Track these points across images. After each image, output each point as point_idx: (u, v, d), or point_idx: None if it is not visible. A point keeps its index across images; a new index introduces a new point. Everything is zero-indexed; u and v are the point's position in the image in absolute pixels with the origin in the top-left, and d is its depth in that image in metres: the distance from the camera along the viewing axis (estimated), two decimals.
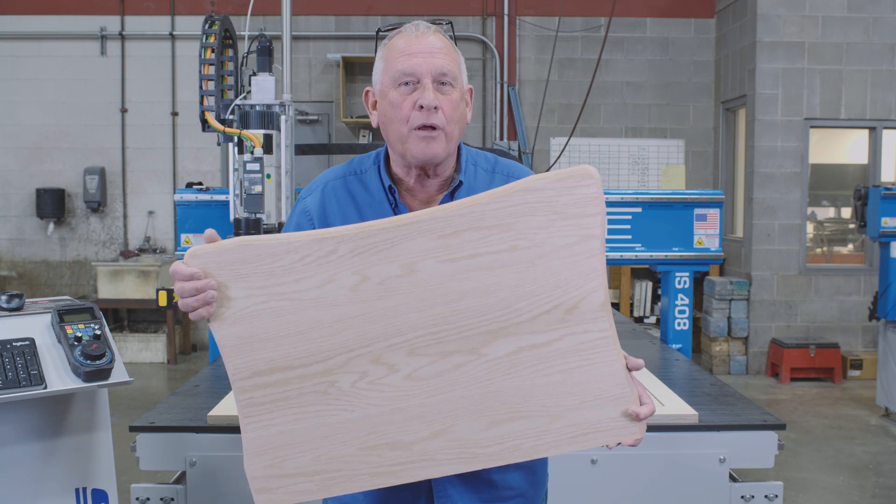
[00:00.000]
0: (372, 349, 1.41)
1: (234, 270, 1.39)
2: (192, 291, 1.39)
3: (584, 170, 1.39)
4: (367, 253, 1.39)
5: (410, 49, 1.60)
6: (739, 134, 8.23)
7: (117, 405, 3.35)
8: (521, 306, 1.40)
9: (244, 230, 2.98)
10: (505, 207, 1.39)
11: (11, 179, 8.44)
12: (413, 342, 1.41)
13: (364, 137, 8.40)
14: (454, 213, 1.39)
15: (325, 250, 1.39)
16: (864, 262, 7.82)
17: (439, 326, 1.41)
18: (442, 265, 1.39)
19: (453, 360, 1.42)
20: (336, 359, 1.41)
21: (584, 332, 1.42)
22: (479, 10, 8.44)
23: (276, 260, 1.39)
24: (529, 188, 1.39)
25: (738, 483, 2.33)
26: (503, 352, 1.42)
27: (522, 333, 1.41)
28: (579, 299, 1.41)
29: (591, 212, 1.39)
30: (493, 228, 1.39)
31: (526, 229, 1.39)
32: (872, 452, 5.35)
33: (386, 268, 1.39)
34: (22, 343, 2.01)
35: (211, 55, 3.30)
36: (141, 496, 2.32)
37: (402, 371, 1.42)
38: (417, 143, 1.60)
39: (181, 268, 1.39)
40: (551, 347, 1.42)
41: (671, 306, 3.55)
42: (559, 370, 1.42)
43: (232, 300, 1.40)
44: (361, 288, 1.40)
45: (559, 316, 1.41)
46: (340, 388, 1.42)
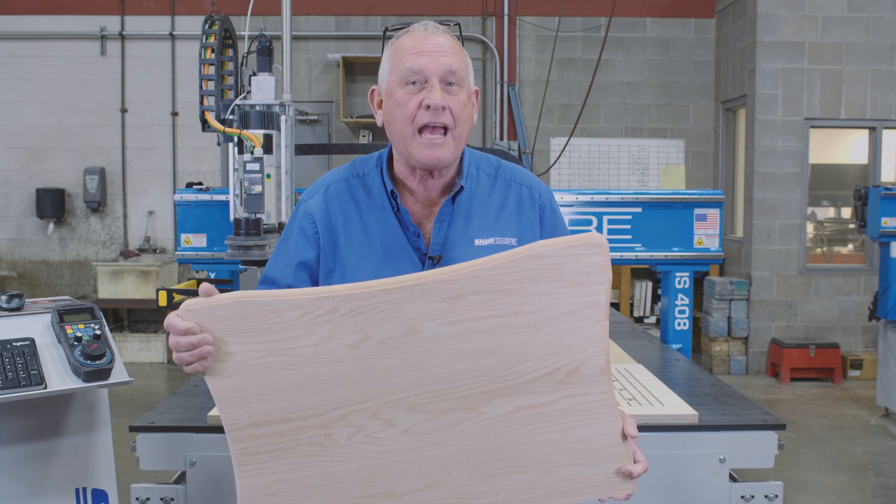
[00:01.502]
0: (370, 405, 1.41)
1: (230, 326, 1.37)
2: (188, 346, 1.36)
3: (593, 238, 1.38)
4: (368, 313, 1.37)
5: (419, 48, 1.59)
6: (739, 134, 8.23)
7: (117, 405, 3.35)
8: (522, 368, 1.40)
9: (244, 230, 2.97)
10: (510, 273, 1.36)
11: (11, 179, 8.44)
12: (411, 399, 1.41)
13: (364, 137, 8.39)
14: (458, 276, 1.37)
15: (325, 309, 1.36)
16: (864, 262, 7.82)
17: (439, 386, 1.40)
18: (444, 327, 1.38)
19: (451, 418, 1.41)
20: (333, 413, 1.41)
21: (583, 394, 1.42)
22: (479, 10, 8.44)
23: (275, 317, 1.36)
24: (536, 255, 1.37)
25: (738, 483, 2.33)
26: (502, 411, 1.41)
27: (522, 394, 1.41)
28: (581, 363, 1.41)
29: (598, 280, 1.38)
30: (498, 293, 1.37)
31: (531, 295, 1.37)
32: (872, 452, 5.35)
33: (387, 328, 1.37)
34: (22, 343, 2.01)
35: (211, 55, 3.29)
36: (141, 496, 2.31)
37: (399, 426, 1.42)
38: (422, 148, 1.59)
39: (176, 322, 1.36)
40: (550, 407, 1.42)
41: (671, 306, 3.54)
42: (557, 429, 1.43)
43: (229, 354, 1.38)
44: (362, 346, 1.38)
45: (559, 378, 1.41)
46: (337, 441, 1.42)
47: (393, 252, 1.69)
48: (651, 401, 2.44)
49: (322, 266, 1.73)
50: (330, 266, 1.72)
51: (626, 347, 3.29)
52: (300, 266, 1.73)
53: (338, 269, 1.71)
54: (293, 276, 1.74)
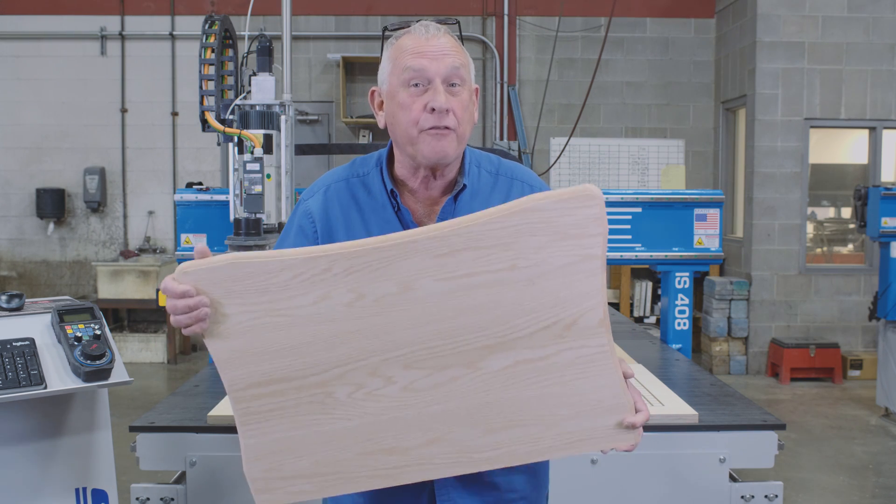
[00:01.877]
0: (368, 362, 1.40)
1: (226, 287, 1.37)
2: (185, 309, 1.36)
3: (587, 190, 1.35)
4: (362, 271, 1.36)
5: (420, 49, 1.59)
6: (739, 134, 8.23)
7: (117, 405, 3.35)
8: (518, 323, 1.39)
9: (244, 230, 2.97)
10: (504, 227, 1.35)
11: (11, 179, 8.44)
12: (409, 356, 1.40)
13: (364, 137, 8.39)
14: (451, 232, 1.36)
15: (320, 268, 1.36)
16: (864, 262, 7.82)
17: (436, 342, 1.40)
18: (439, 283, 1.37)
19: (450, 373, 1.41)
20: (332, 371, 1.41)
21: (581, 346, 1.41)
22: (479, 10, 8.44)
23: (270, 277, 1.36)
24: (530, 208, 1.35)
25: (738, 483, 2.33)
26: (500, 365, 1.41)
27: (520, 348, 1.40)
28: (578, 316, 1.40)
29: (593, 232, 1.36)
30: (492, 248, 1.36)
31: (525, 249, 1.36)
32: (872, 452, 5.35)
33: (382, 286, 1.37)
34: (22, 343, 2.01)
35: (211, 55, 3.29)
36: (141, 496, 2.31)
37: (398, 383, 1.41)
38: (429, 142, 1.59)
39: (172, 285, 1.37)
40: (549, 361, 1.41)
41: (671, 306, 3.55)
42: (556, 382, 1.42)
43: (226, 316, 1.38)
44: (357, 305, 1.38)
45: (557, 332, 1.40)
46: (337, 399, 1.42)
47: None
48: (651, 401, 2.44)
49: None
50: None
51: (626, 347, 3.29)
52: None
53: None
54: None
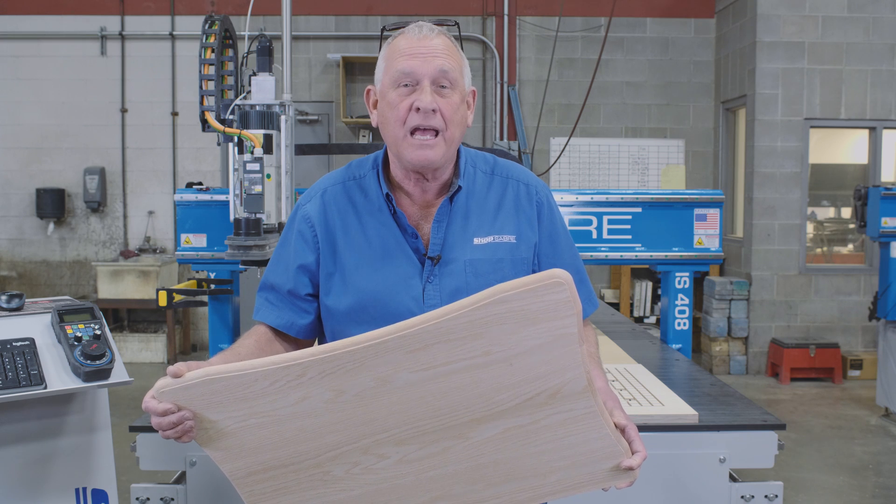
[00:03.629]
0: (359, 445, 1.44)
1: (205, 400, 1.40)
2: (169, 425, 1.40)
3: (554, 276, 1.31)
4: (336, 373, 1.38)
5: (411, 50, 1.59)
6: (739, 134, 8.23)
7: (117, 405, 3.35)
8: (502, 398, 1.40)
9: (244, 230, 2.97)
10: (474, 320, 1.33)
11: (11, 179, 8.44)
12: (398, 435, 1.43)
13: (364, 137, 8.40)
14: (420, 328, 1.35)
15: (294, 374, 1.38)
16: (864, 262, 7.82)
17: (422, 421, 1.42)
18: (416, 374, 1.38)
19: (441, 445, 1.44)
20: (325, 455, 1.44)
21: (569, 410, 1.42)
22: (479, 10, 8.44)
23: (247, 388, 1.39)
24: (497, 300, 1.32)
25: (738, 483, 2.33)
26: (490, 434, 1.43)
27: (507, 417, 1.42)
28: (560, 387, 1.40)
29: (564, 314, 1.34)
30: (464, 339, 1.35)
31: (498, 336, 1.35)
32: (872, 452, 5.35)
33: (360, 381, 1.38)
34: (22, 343, 2.01)
35: (211, 55, 3.29)
36: (141, 496, 2.31)
37: (392, 458, 1.44)
38: (413, 149, 1.59)
39: (153, 404, 1.39)
40: (538, 425, 1.42)
41: (671, 306, 3.54)
42: (547, 440, 1.44)
43: (212, 422, 1.42)
44: (338, 400, 1.40)
45: (542, 401, 1.41)
46: (336, 476, 1.46)
47: (392, 254, 1.69)
48: (651, 401, 2.44)
49: (322, 269, 1.72)
50: (329, 269, 1.71)
51: (626, 347, 3.29)
52: (300, 270, 1.73)
53: (338, 273, 1.70)
54: (293, 281, 1.73)
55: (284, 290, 1.74)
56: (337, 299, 1.70)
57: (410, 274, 1.67)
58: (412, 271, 1.68)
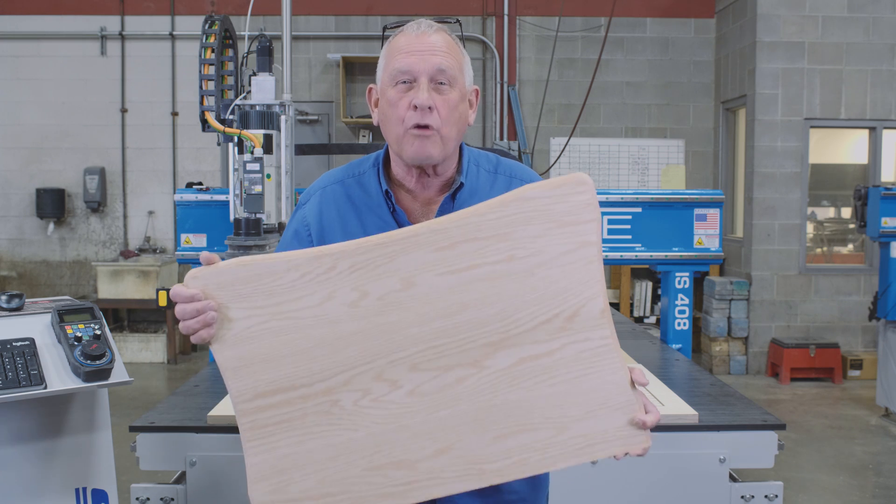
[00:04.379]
0: (374, 366, 1.41)
1: (234, 291, 1.39)
2: (193, 313, 1.39)
3: (578, 177, 1.39)
4: (366, 268, 1.39)
5: (410, 48, 1.59)
6: (739, 134, 8.23)
7: (117, 405, 3.35)
8: (520, 316, 1.40)
9: (244, 230, 2.97)
10: (501, 217, 1.38)
11: (11, 179, 8.44)
12: (414, 357, 1.41)
13: (364, 137, 8.40)
14: (450, 224, 1.39)
15: (325, 267, 1.39)
16: (864, 262, 7.82)
17: (440, 340, 1.40)
18: (440, 278, 1.39)
19: (456, 374, 1.41)
20: (338, 377, 1.41)
21: (585, 339, 1.41)
22: (479, 10, 8.44)
23: (276, 279, 1.39)
24: (524, 197, 1.38)
25: (738, 483, 2.33)
26: (505, 363, 1.41)
27: (524, 344, 1.40)
28: (579, 307, 1.40)
29: (587, 218, 1.39)
30: (490, 239, 1.38)
31: (523, 238, 1.38)
32: (872, 452, 5.35)
33: (385, 282, 1.39)
34: (22, 343, 2.01)
35: (211, 55, 3.29)
36: (141, 496, 2.31)
37: (404, 387, 1.41)
38: (411, 142, 1.59)
39: (181, 290, 1.40)
40: (554, 357, 1.41)
41: (671, 306, 3.54)
42: (562, 380, 1.41)
43: (233, 321, 1.40)
44: (361, 304, 1.39)
45: (559, 324, 1.40)
46: (343, 408, 1.42)
47: None
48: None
49: None
50: None
51: (626, 347, 3.29)
52: None
53: None
54: None
55: None
56: None
57: None
58: None
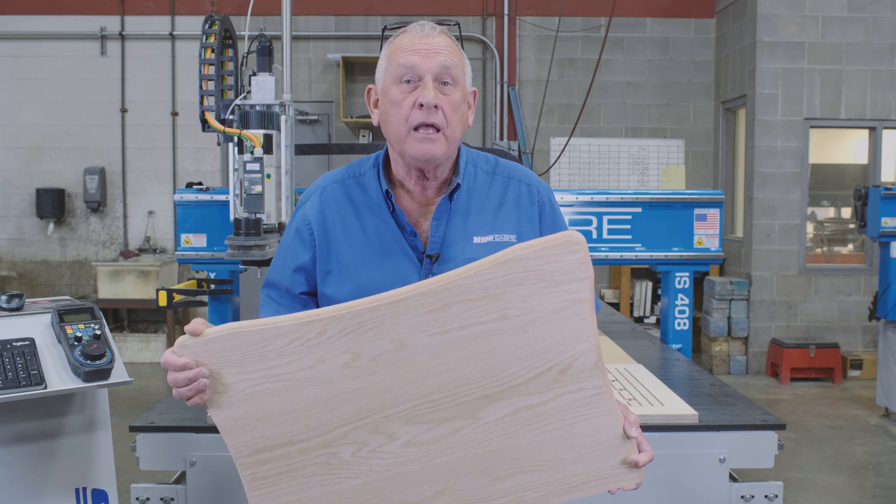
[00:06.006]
0: (370, 420, 1.43)
1: (224, 357, 1.40)
2: (185, 381, 1.39)
3: (570, 236, 1.39)
4: (356, 332, 1.39)
5: (413, 47, 1.60)
6: (739, 134, 8.23)
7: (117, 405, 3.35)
8: (514, 371, 1.42)
9: (244, 230, 2.97)
10: (492, 279, 1.38)
11: (11, 179, 8.44)
12: (410, 411, 1.43)
13: (364, 137, 8.40)
14: (440, 286, 1.39)
15: (314, 332, 1.40)
16: (864, 262, 7.82)
17: (434, 395, 1.42)
18: (432, 338, 1.40)
19: (451, 426, 1.44)
20: (335, 432, 1.44)
21: (578, 390, 1.43)
22: (479, 10, 8.44)
23: (266, 345, 1.40)
24: (515, 258, 1.38)
25: (738, 483, 2.33)
26: (500, 414, 1.43)
27: (518, 396, 1.43)
28: (572, 360, 1.42)
29: (579, 277, 1.39)
30: (482, 300, 1.39)
31: (514, 298, 1.39)
32: (872, 452, 5.35)
33: (377, 344, 1.40)
34: (22, 343, 2.01)
35: (211, 55, 3.29)
36: (141, 496, 2.31)
37: (401, 439, 1.44)
38: (416, 143, 1.59)
39: (172, 359, 1.40)
40: (548, 406, 1.43)
41: (671, 306, 3.54)
42: (557, 426, 1.44)
43: (226, 385, 1.41)
44: (354, 365, 1.41)
45: (553, 377, 1.42)
46: (342, 459, 1.45)
47: (391, 251, 1.69)
48: (651, 401, 2.44)
49: (319, 268, 1.73)
50: (326, 268, 1.72)
51: (626, 347, 3.29)
52: (297, 269, 1.74)
53: (335, 270, 1.71)
54: (290, 280, 1.75)
55: (283, 288, 1.76)
56: (335, 292, 1.70)
57: (408, 271, 1.68)
58: (410, 269, 1.68)
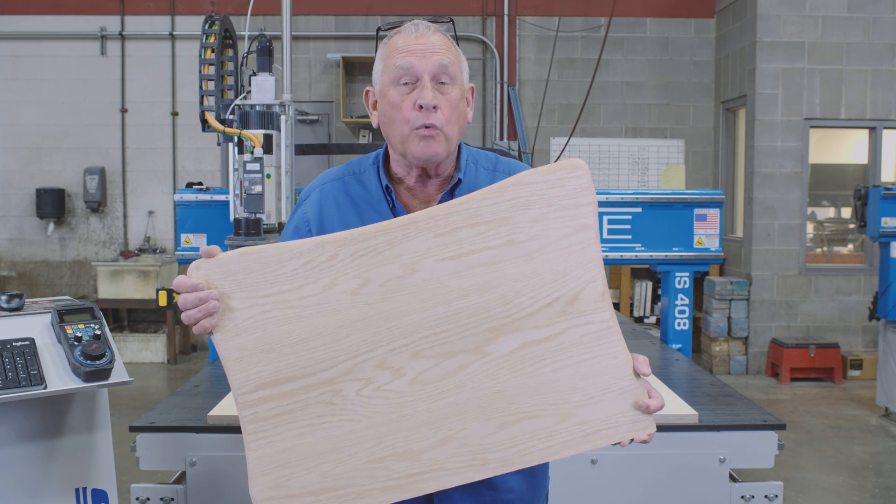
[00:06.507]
0: (376, 354, 1.41)
1: (236, 280, 1.40)
2: (195, 302, 1.39)
3: (574, 162, 1.43)
4: (368, 255, 1.40)
5: (409, 48, 1.60)
6: (739, 134, 8.23)
7: (117, 405, 3.35)
8: (521, 301, 1.41)
9: (244, 230, 2.98)
10: (500, 202, 1.41)
11: (11, 179, 8.44)
12: (417, 344, 1.41)
13: (364, 137, 8.40)
14: (451, 210, 1.41)
15: (327, 255, 1.40)
16: (864, 262, 7.82)
17: (442, 326, 1.41)
18: (442, 263, 1.41)
19: (458, 361, 1.41)
20: (340, 366, 1.41)
21: (586, 323, 1.42)
22: (479, 10, 8.44)
23: (279, 267, 1.40)
24: (522, 182, 1.42)
25: (738, 483, 2.33)
26: (507, 349, 1.41)
27: (525, 329, 1.41)
28: (579, 290, 1.42)
29: (584, 202, 1.42)
30: (490, 224, 1.41)
31: (521, 223, 1.41)
32: (872, 452, 5.35)
33: (387, 269, 1.40)
34: (22, 343, 2.01)
35: (211, 55, 3.29)
36: (141, 496, 2.31)
37: (407, 375, 1.41)
38: (417, 143, 1.60)
39: (184, 279, 1.40)
40: (555, 342, 1.42)
41: (671, 306, 3.54)
42: (564, 365, 1.42)
43: (235, 311, 1.40)
44: (363, 291, 1.40)
45: (560, 308, 1.42)
46: (346, 398, 1.41)
47: None
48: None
49: None
50: None
51: None
52: None
53: None
54: None
55: None
56: None
57: None
58: None
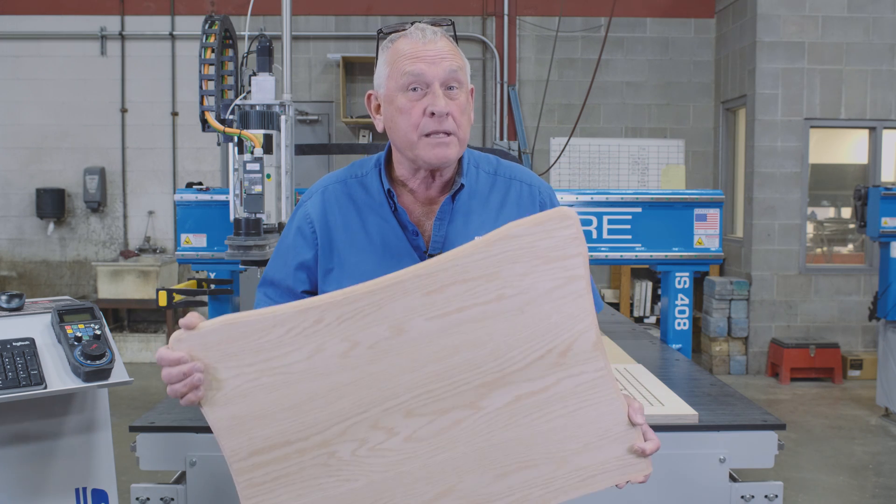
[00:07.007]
0: (369, 414, 1.39)
1: (220, 350, 1.37)
2: (179, 376, 1.36)
3: (562, 212, 1.39)
4: (354, 318, 1.37)
5: (417, 54, 1.59)
6: (739, 134, 8.23)
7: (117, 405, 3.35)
8: (513, 355, 1.39)
9: (244, 230, 2.97)
10: (487, 257, 1.37)
11: (11, 179, 8.44)
12: (409, 403, 1.39)
13: (364, 137, 8.40)
14: (437, 268, 1.37)
15: (311, 320, 1.36)
16: (864, 262, 7.82)
17: (434, 384, 1.39)
18: (430, 322, 1.37)
19: (452, 417, 1.40)
20: (333, 428, 1.39)
21: (580, 373, 1.41)
22: (479, 10, 8.44)
23: (263, 335, 1.36)
24: (509, 236, 1.38)
25: (738, 483, 2.33)
26: (501, 402, 1.40)
27: (518, 382, 1.40)
28: (572, 341, 1.40)
29: (573, 252, 1.38)
30: (478, 280, 1.37)
31: (511, 277, 1.37)
32: (872, 452, 5.35)
33: (374, 331, 1.37)
34: (22, 343, 2.01)
35: (211, 55, 3.29)
36: (141, 496, 2.31)
37: (401, 434, 1.40)
38: (429, 148, 1.60)
39: (166, 353, 1.37)
40: (549, 393, 1.40)
41: (671, 306, 3.54)
42: (559, 415, 1.41)
43: (222, 381, 1.37)
44: (352, 354, 1.37)
45: (553, 360, 1.40)
46: (341, 459, 1.40)
47: (393, 251, 1.69)
48: (651, 401, 2.44)
49: (320, 266, 1.73)
50: (328, 266, 1.72)
51: (626, 347, 3.29)
52: (299, 267, 1.74)
53: (336, 269, 1.71)
54: (292, 278, 1.74)
55: (284, 286, 1.75)
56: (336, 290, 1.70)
57: None
58: None
